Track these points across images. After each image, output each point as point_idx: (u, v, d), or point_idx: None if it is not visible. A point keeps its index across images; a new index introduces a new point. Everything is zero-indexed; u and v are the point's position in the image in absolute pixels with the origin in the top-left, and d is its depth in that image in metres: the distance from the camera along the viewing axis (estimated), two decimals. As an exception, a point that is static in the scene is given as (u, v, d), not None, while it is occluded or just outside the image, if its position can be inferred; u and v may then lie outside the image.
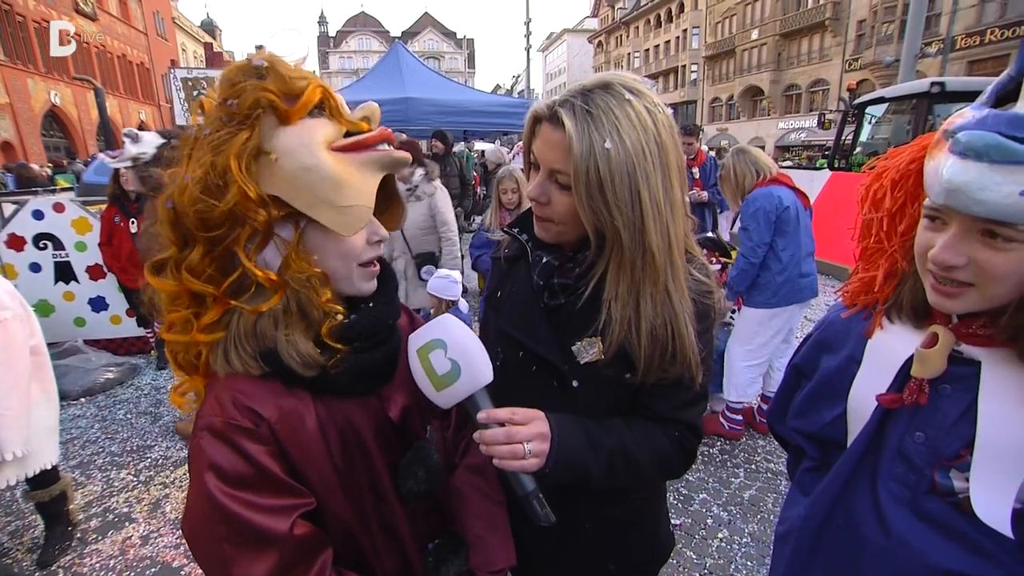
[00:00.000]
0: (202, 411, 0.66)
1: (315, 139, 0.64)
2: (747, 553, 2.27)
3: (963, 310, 0.73)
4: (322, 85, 0.67)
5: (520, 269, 0.97)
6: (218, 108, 0.63)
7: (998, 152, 0.62)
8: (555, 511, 0.87)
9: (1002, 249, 0.66)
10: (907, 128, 8.42)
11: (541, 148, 0.84)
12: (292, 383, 0.69)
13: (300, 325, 0.68)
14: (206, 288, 0.65)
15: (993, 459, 0.72)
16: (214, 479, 0.62)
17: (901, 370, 0.81)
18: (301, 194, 0.63)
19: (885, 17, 23.36)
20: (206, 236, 0.63)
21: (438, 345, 0.76)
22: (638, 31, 46.15)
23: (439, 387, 0.77)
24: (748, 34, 32.61)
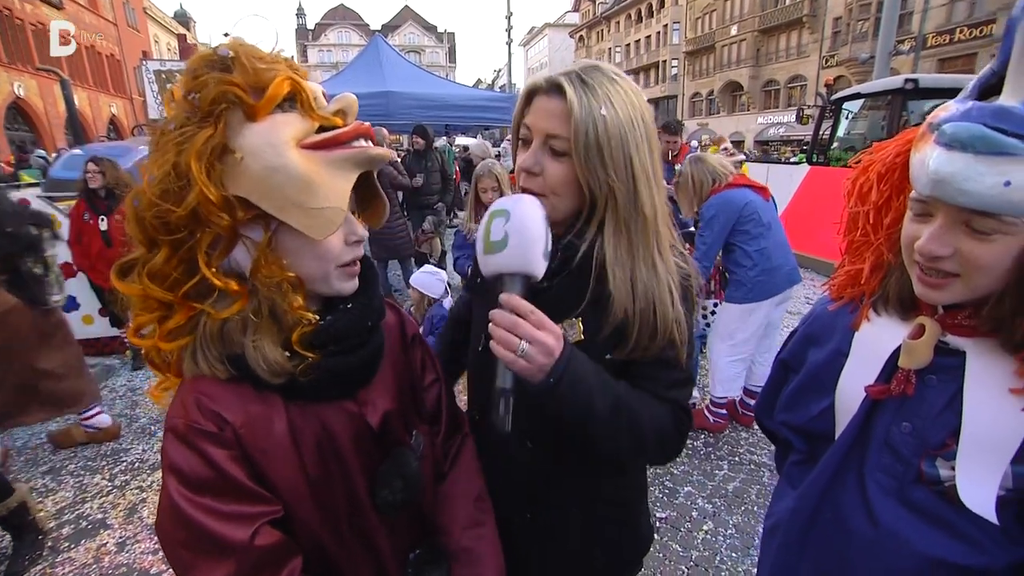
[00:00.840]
0: (169, 412, 0.65)
1: (282, 137, 0.60)
2: (732, 544, 2.29)
3: (949, 301, 0.74)
4: (291, 76, 0.63)
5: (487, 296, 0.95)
6: (181, 102, 0.60)
7: (983, 143, 0.63)
8: (545, 507, 0.90)
9: (986, 240, 0.66)
10: (882, 123, 8.62)
11: (536, 118, 0.86)
12: (262, 387, 0.67)
13: (270, 330, 0.65)
14: (165, 296, 0.63)
15: (978, 447, 0.72)
16: (175, 482, 0.61)
17: (888, 361, 0.81)
18: (269, 196, 0.60)
19: (860, 15, 23.81)
20: (168, 239, 0.60)
21: (503, 214, 0.78)
22: (619, 26, 46.30)
23: (486, 251, 0.79)
24: (727, 30, 32.95)
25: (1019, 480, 0.71)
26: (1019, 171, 0.61)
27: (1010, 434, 0.70)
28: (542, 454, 0.93)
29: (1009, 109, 0.63)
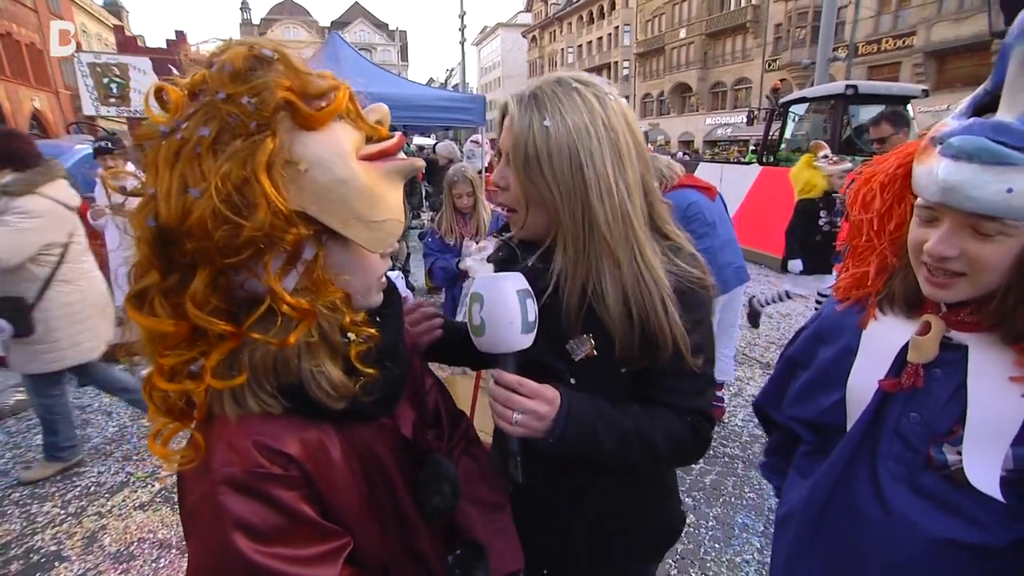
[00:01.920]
0: (211, 463, 0.56)
1: (346, 148, 0.57)
2: (714, 536, 2.37)
3: (956, 299, 0.80)
4: (346, 86, 0.60)
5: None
6: (222, 105, 0.52)
7: (987, 154, 0.69)
8: (560, 492, 0.98)
9: (990, 241, 0.73)
10: (825, 125, 9.12)
11: (503, 137, 0.88)
12: (312, 416, 0.62)
13: (326, 352, 0.61)
14: (218, 325, 0.54)
15: (982, 432, 0.78)
16: (245, 539, 0.54)
17: (897, 357, 0.87)
18: (333, 210, 0.56)
19: (798, 23, 25.07)
20: (225, 262, 0.53)
21: (478, 299, 0.82)
22: (571, 27, 46.91)
23: (473, 333, 0.84)
24: (676, 33, 33.96)
25: (1019, 461, 0.76)
26: (1020, 179, 0.67)
27: (1010, 418, 0.76)
28: (556, 469, 0.97)
29: (1008, 124, 0.70)
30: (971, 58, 19.88)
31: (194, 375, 0.56)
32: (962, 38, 19.47)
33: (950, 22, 20.23)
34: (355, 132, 0.60)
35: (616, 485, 1.00)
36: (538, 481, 0.92)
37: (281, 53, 0.56)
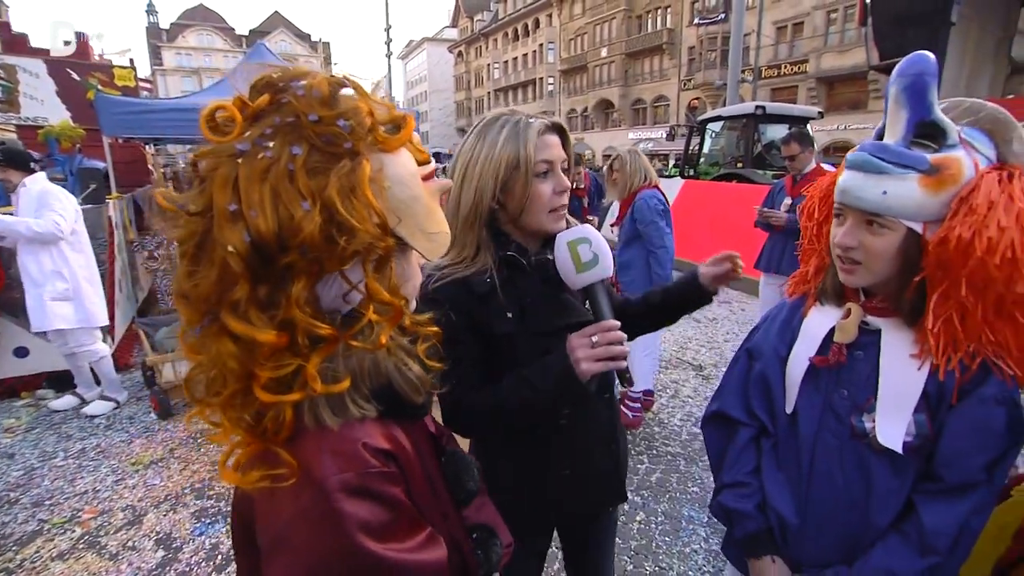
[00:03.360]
0: (314, 474, 0.56)
1: (413, 169, 0.64)
2: (664, 530, 2.50)
3: (859, 284, 0.97)
4: (411, 116, 0.66)
5: (518, 283, 1.10)
6: (313, 127, 0.54)
7: (869, 166, 0.90)
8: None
9: (878, 235, 0.91)
10: (739, 142, 9.89)
11: (554, 151, 1.08)
12: (391, 417, 0.66)
13: (404, 352, 0.67)
14: (324, 328, 0.56)
15: (890, 400, 0.94)
16: (370, 539, 0.55)
17: (826, 339, 1.03)
18: (406, 222, 0.62)
19: (709, 46, 27.01)
20: (335, 269, 0.56)
21: (585, 241, 1.02)
22: (497, 43, 47.78)
23: (580, 270, 1.01)
24: (598, 52, 35.48)
25: (920, 427, 0.92)
26: (892, 185, 0.88)
27: (912, 388, 0.92)
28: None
29: (886, 145, 0.90)
30: (854, 85, 22.33)
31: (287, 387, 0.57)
32: (845, 68, 21.87)
33: (835, 53, 22.65)
34: (411, 155, 0.66)
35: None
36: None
37: (353, 82, 0.61)
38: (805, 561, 1.04)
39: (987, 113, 0.91)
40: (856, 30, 18.54)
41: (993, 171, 0.85)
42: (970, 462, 0.89)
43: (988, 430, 0.88)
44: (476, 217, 1.07)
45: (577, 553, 1.43)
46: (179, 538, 2.45)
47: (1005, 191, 0.82)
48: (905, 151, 0.87)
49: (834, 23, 22.83)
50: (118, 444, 3.30)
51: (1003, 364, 0.87)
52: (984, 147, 0.88)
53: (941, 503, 0.91)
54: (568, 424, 1.14)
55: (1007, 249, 0.80)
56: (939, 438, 0.91)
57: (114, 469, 3.04)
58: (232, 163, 0.53)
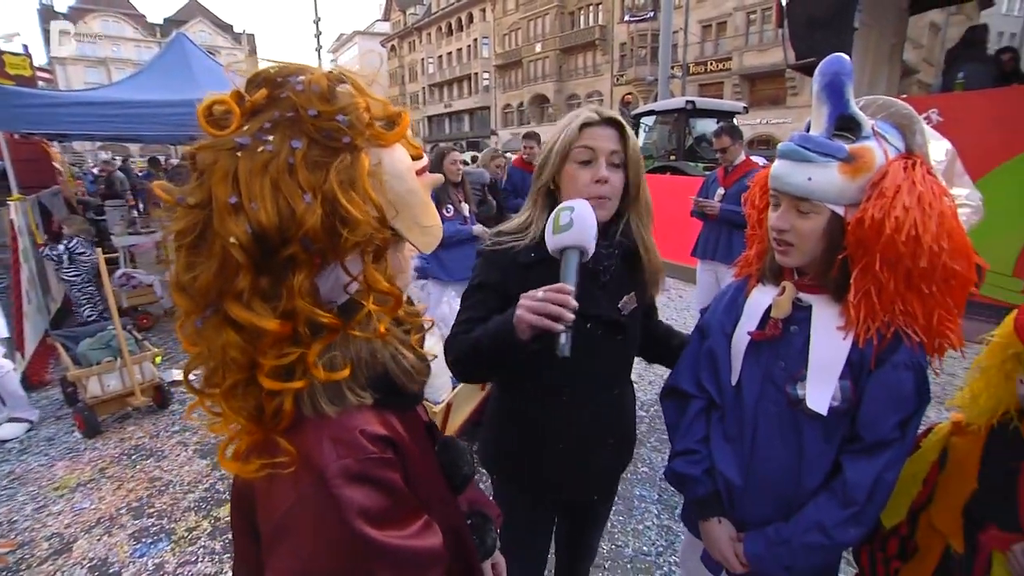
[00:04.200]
0: (313, 462, 0.57)
1: (409, 163, 0.65)
2: (617, 510, 2.58)
3: (792, 264, 1.07)
4: (407, 111, 0.67)
5: (543, 268, 1.13)
6: (312, 122, 0.55)
7: (796, 155, 0.99)
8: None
9: (806, 218, 1.01)
10: (671, 135, 10.29)
11: (599, 141, 1.14)
12: (386, 406, 0.67)
13: (399, 341, 0.68)
14: (325, 316, 0.57)
15: (818, 369, 1.04)
16: (369, 526, 0.56)
17: (765, 315, 1.12)
18: (404, 215, 0.64)
19: (639, 43, 27.87)
20: (335, 260, 0.58)
21: (569, 209, 1.04)
22: (431, 38, 47.14)
23: (555, 232, 1.04)
24: (532, 47, 35.77)
25: (845, 392, 1.02)
26: (816, 172, 0.98)
27: (837, 357, 1.02)
28: None
29: (810, 136, 1.00)
30: (774, 82, 23.73)
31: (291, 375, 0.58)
32: (766, 66, 23.19)
33: (756, 52, 23.97)
34: (406, 151, 0.67)
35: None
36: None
37: (350, 78, 0.61)
38: (749, 520, 1.13)
39: (896, 109, 1.02)
40: (774, 31, 19.76)
41: (900, 159, 0.96)
42: (885, 422, 0.99)
43: (900, 392, 0.99)
44: (535, 190, 1.21)
45: (576, 528, 1.48)
46: (117, 562, 2.30)
47: (909, 176, 0.93)
48: (827, 141, 0.97)
49: (754, 23, 24.14)
50: (36, 469, 3.04)
51: (911, 332, 0.99)
52: (894, 138, 0.99)
53: (862, 460, 1.01)
54: (568, 401, 1.21)
55: (911, 228, 0.90)
56: (860, 402, 1.02)
57: (33, 496, 2.80)
58: (232, 157, 0.54)
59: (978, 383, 1.02)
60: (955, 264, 0.93)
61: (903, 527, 1.13)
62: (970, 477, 1.01)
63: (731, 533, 1.15)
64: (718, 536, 1.15)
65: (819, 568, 1.10)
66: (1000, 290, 4.44)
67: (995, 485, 0.97)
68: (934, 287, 0.95)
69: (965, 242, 0.95)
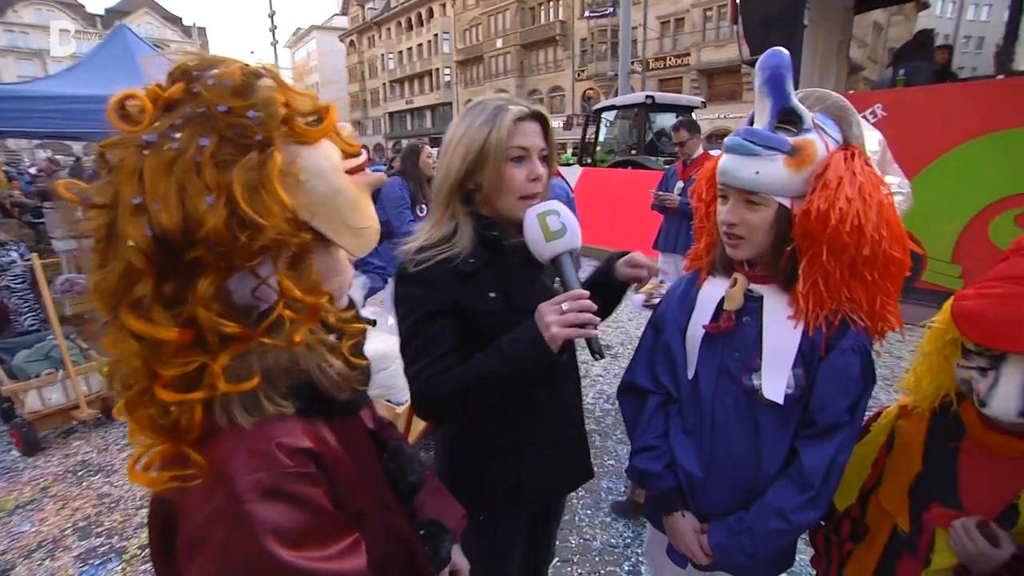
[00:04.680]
0: (226, 475, 0.54)
1: (336, 161, 0.62)
2: (585, 503, 2.61)
3: (743, 256, 1.08)
4: (335, 106, 0.63)
5: (500, 264, 1.11)
6: (222, 117, 0.52)
7: (742, 149, 1.00)
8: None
9: (755, 211, 1.02)
10: (632, 129, 10.43)
11: (530, 139, 1.09)
12: (315, 415, 0.64)
13: (326, 348, 0.65)
14: (228, 326, 0.54)
15: (772, 358, 1.06)
16: (281, 546, 0.53)
17: (717, 307, 1.13)
18: (328, 218, 0.61)
19: (600, 39, 28.13)
20: (241, 265, 0.54)
21: (553, 212, 1.03)
22: (390, 33, 46.41)
23: (549, 239, 1.02)
24: (493, 42, 35.64)
25: (798, 380, 1.04)
26: (763, 165, 0.99)
27: (789, 346, 1.04)
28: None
29: (755, 129, 1.01)
30: (730, 77, 24.33)
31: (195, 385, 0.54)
32: (722, 61, 23.76)
33: (713, 48, 24.53)
34: (336, 148, 0.64)
35: None
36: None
37: (271, 71, 0.59)
38: (711, 511, 1.15)
39: (833, 101, 1.04)
40: (729, 27, 20.25)
41: (840, 151, 0.98)
42: (836, 406, 1.02)
43: (848, 376, 1.01)
44: (449, 194, 1.09)
45: (537, 527, 1.44)
46: (62, 585, 2.18)
47: (849, 168, 0.95)
48: (771, 135, 0.98)
49: (710, 20, 24.68)
50: (-30, 492, 2.86)
51: (857, 317, 1.01)
52: (832, 130, 1.01)
53: (816, 445, 1.04)
54: (538, 403, 1.17)
55: (855, 218, 0.92)
56: (812, 388, 1.04)
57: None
58: (139, 154, 0.51)
59: (921, 367, 1.06)
60: (894, 251, 0.96)
61: (855, 509, 1.16)
62: (915, 458, 1.04)
63: (695, 526, 1.16)
64: (683, 530, 1.16)
65: (779, 553, 1.14)
66: (941, 276, 4.68)
67: (937, 465, 1.00)
68: (876, 274, 0.97)
69: (901, 230, 0.98)
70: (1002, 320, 0.85)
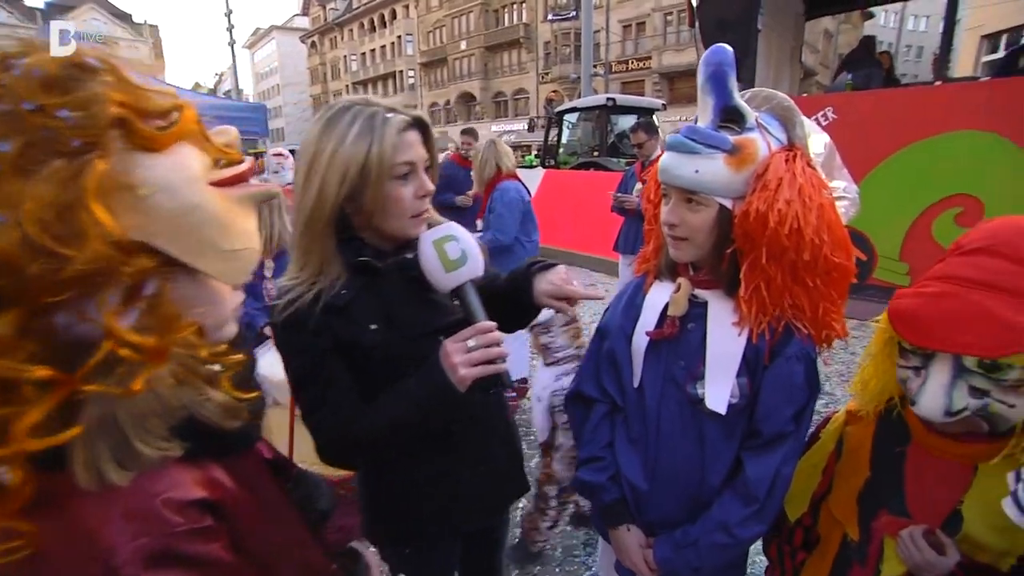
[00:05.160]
0: (105, 544, 0.46)
1: (195, 171, 0.52)
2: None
3: (686, 259, 1.04)
4: (191, 104, 0.53)
5: (379, 290, 1.00)
6: (30, 117, 0.43)
7: (683, 146, 0.96)
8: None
9: (696, 211, 0.98)
10: (594, 131, 10.52)
11: (419, 150, 0.99)
12: (203, 456, 0.57)
13: (204, 382, 0.56)
14: (31, 372, 0.43)
15: (716, 366, 1.02)
16: None
17: (662, 313, 1.09)
18: (183, 239, 0.50)
19: (563, 42, 28.43)
20: (45, 301, 0.43)
21: (452, 239, 0.96)
22: (353, 34, 45.80)
23: (449, 269, 0.95)
24: (457, 45, 35.57)
25: (742, 389, 1.01)
26: (704, 164, 0.95)
27: (734, 354, 1.01)
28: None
29: (697, 127, 0.97)
30: (691, 81, 24.71)
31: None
32: (683, 64, 24.31)
33: (674, 51, 25.09)
34: (202, 155, 0.54)
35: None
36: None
37: (109, 63, 0.48)
38: (657, 524, 1.11)
39: (778, 101, 1.01)
40: (689, 31, 20.73)
41: (781, 151, 0.95)
42: (780, 415, 0.99)
43: (792, 384, 0.99)
44: (321, 224, 0.92)
45: (480, 553, 1.38)
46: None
47: (790, 169, 0.92)
48: (713, 133, 0.94)
49: (671, 24, 25.23)
50: None
51: (801, 325, 0.98)
52: (776, 130, 0.98)
53: (761, 456, 1.01)
54: (461, 428, 1.08)
55: (794, 220, 0.89)
56: (757, 397, 1.01)
57: None
58: None
59: (867, 369, 1.04)
60: (836, 256, 0.93)
61: (807, 517, 1.14)
62: (863, 465, 1.02)
63: (640, 540, 1.12)
64: (628, 544, 1.12)
65: (726, 566, 1.10)
66: (891, 273, 4.85)
67: (885, 471, 0.98)
68: (818, 280, 0.95)
69: (844, 234, 0.96)
70: (932, 318, 0.83)
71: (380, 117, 0.92)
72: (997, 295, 0.78)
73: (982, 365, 0.79)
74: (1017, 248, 0.80)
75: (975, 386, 0.81)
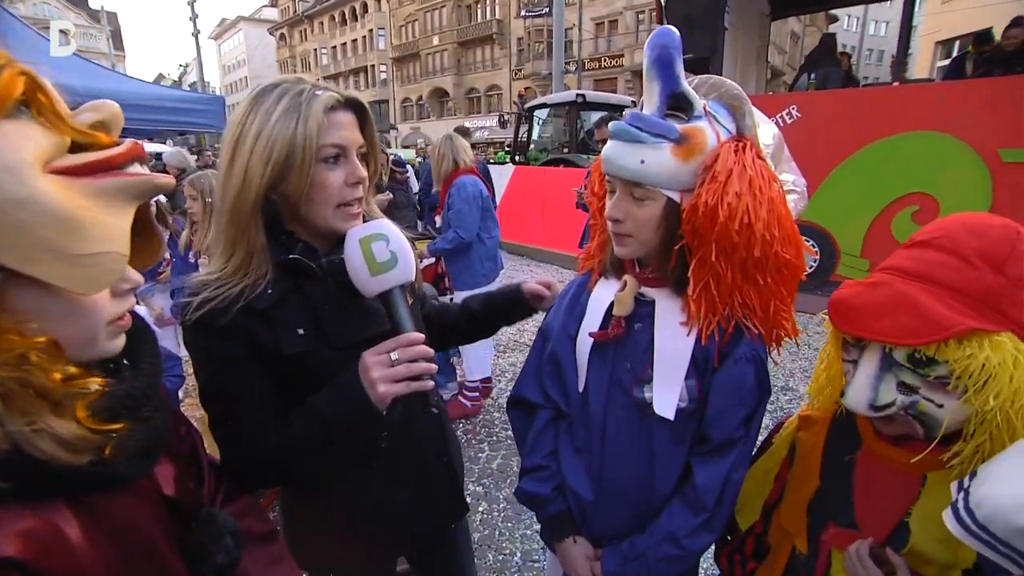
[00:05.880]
0: None
1: (23, 157, 0.42)
2: (506, 516, 2.49)
3: (631, 255, 0.98)
4: (25, 71, 0.44)
5: (308, 291, 0.90)
6: None
7: (627, 135, 0.88)
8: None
9: (642, 205, 0.91)
10: (564, 128, 10.50)
11: (351, 132, 0.90)
12: (41, 496, 0.48)
13: (45, 407, 0.47)
14: None
15: (664, 368, 0.96)
16: None
17: (607, 313, 1.02)
18: (7, 241, 0.42)
19: (536, 38, 28.34)
20: None
21: (381, 238, 0.86)
22: (323, 27, 44.82)
23: (375, 272, 0.85)
24: (430, 39, 35.13)
25: (691, 392, 0.95)
26: (649, 154, 0.87)
27: (682, 355, 0.95)
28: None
29: (642, 114, 0.90)
30: (662, 78, 25.17)
31: None
32: (654, 62, 24.47)
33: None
34: (48, 136, 0.45)
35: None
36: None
37: None
38: (604, 535, 1.05)
39: (727, 89, 0.95)
40: (658, 30, 20.88)
41: (731, 141, 0.89)
42: (730, 419, 0.94)
43: (742, 387, 0.93)
44: (246, 212, 0.83)
45: (431, 571, 1.29)
46: None
47: (740, 160, 0.86)
48: (659, 121, 0.88)
49: (643, 22, 25.37)
50: None
51: (751, 325, 0.93)
52: (725, 120, 0.92)
53: (710, 462, 0.95)
54: (390, 447, 0.98)
55: (744, 215, 0.83)
56: (706, 400, 0.95)
57: None
58: None
59: (820, 369, 0.99)
60: (786, 253, 0.88)
61: (758, 526, 1.09)
62: (813, 473, 0.97)
63: (588, 552, 1.05)
64: (574, 556, 1.05)
65: (676, 576, 1.04)
66: (853, 270, 4.94)
67: (834, 480, 0.94)
68: (768, 277, 0.89)
69: (794, 229, 0.91)
70: (857, 306, 0.80)
71: (307, 94, 0.83)
72: (926, 285, 0.75)
73: (911, 360, 0.76)
74: (956, 241, 0.77)
75: (904, 381, 0.77)
